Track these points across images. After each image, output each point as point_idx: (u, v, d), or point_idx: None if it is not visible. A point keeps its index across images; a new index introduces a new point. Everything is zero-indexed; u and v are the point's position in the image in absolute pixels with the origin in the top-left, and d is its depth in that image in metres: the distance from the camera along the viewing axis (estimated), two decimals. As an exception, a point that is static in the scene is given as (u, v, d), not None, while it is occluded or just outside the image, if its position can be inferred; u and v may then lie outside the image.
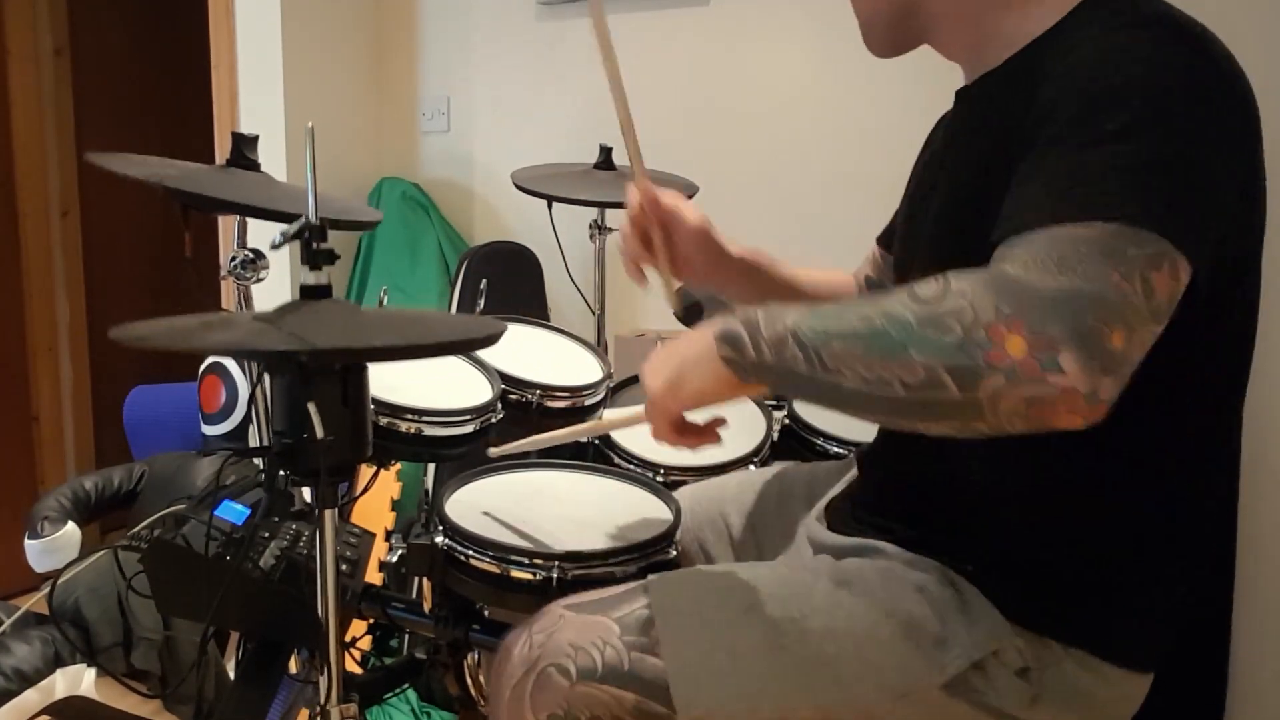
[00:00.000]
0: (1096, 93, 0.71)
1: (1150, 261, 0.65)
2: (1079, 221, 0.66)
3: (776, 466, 1.32)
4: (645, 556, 1.09)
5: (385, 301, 1.95)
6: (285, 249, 0.97)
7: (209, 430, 2.02)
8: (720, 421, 0.98)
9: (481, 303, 1.98)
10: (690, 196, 1.91)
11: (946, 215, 0.88)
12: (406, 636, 1.84)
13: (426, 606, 1.25)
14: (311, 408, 0.85)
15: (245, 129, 2.10)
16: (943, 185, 0.91)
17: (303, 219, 0.89)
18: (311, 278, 0.91)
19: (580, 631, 0.89)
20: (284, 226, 0.90)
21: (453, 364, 1.41)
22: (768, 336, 0.77)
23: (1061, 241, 0.66)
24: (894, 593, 0.87)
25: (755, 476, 1.26)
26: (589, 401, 1.47)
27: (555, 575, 1.04)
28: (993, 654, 0.82)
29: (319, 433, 0.85)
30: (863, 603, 0.87)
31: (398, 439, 1.22)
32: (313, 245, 0.90)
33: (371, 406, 0.99)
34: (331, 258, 0.91)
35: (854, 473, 1.08)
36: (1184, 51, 0.73)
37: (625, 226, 1.12)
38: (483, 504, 1.19)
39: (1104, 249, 0.65)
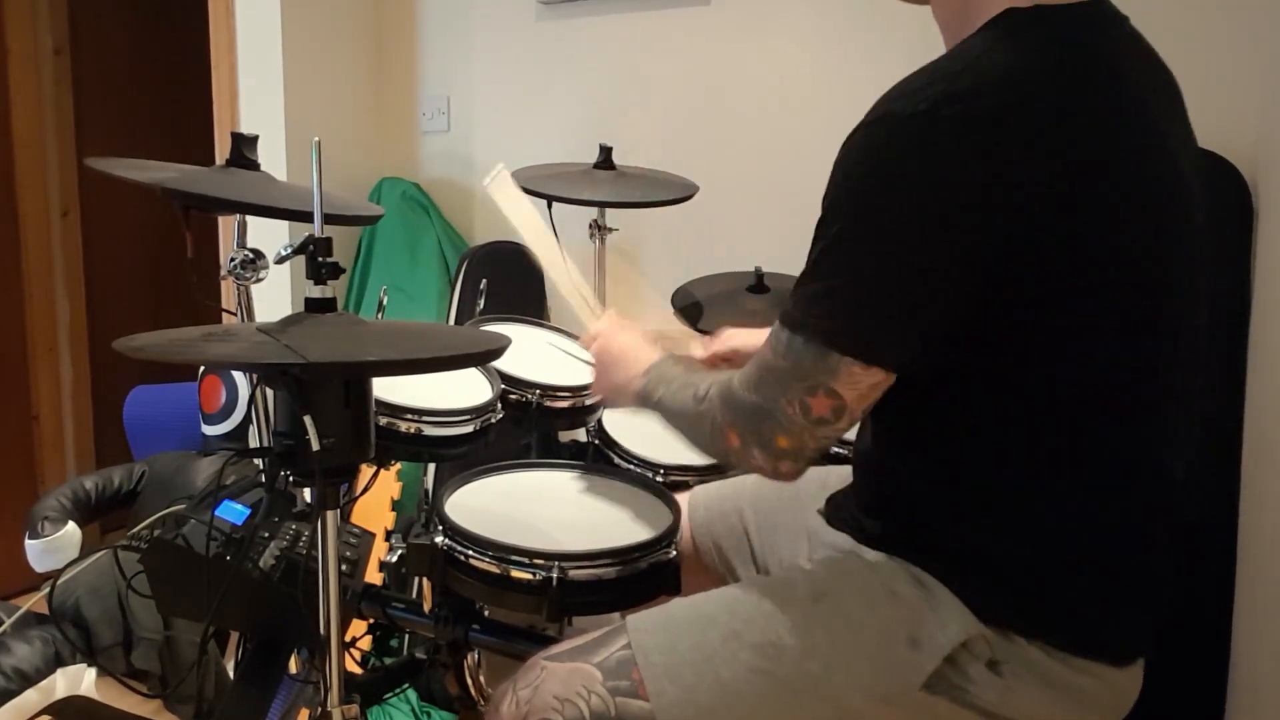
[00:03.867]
0: (842, 180, 0.84)
1: (807, 390, 0.84)
2: (779, 344, 0.86)
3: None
4: (645, 557, 1.09)
5: (385, 302, 1.95)
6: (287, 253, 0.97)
7: (209, 430, 2.02)
8: None
9: (481, 303, 1.98)
10: (690, 197, 1.91)
11: None
12: (406, 636, 1.84)
13: (426, 606, 1.25)
14: (308, 420, 0.85)
15: (245, 129, 2.09)
16: None
17: (307, 235, 0.89)
18: (316, 291, 0.91)
19: (564, 682, 0.90)
20: (286, 244, 0.90)
21: (453, 364, 1.41)
22: (653, 399, 1.06)
23: (761, 366, 0.89)
24: (867, 599, 0.88)
25: None
26: (589, 401, 1.47)
27: (555, 575, 1.04)
28: (962, 645, 0.84)
29: (315, 444, 0.85)
30: (838, 615, 0.89)
31: (397, 439, 1.22)
32: (318, 259, 0.90)
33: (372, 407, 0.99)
34: (336, 272, 0.92)
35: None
36: (923, 145, 0.78)
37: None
38: (483, 504, 1.20)
39: (782, 378, 0.86)
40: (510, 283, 2.37)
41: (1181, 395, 0.87)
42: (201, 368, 2.01)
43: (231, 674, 1.62)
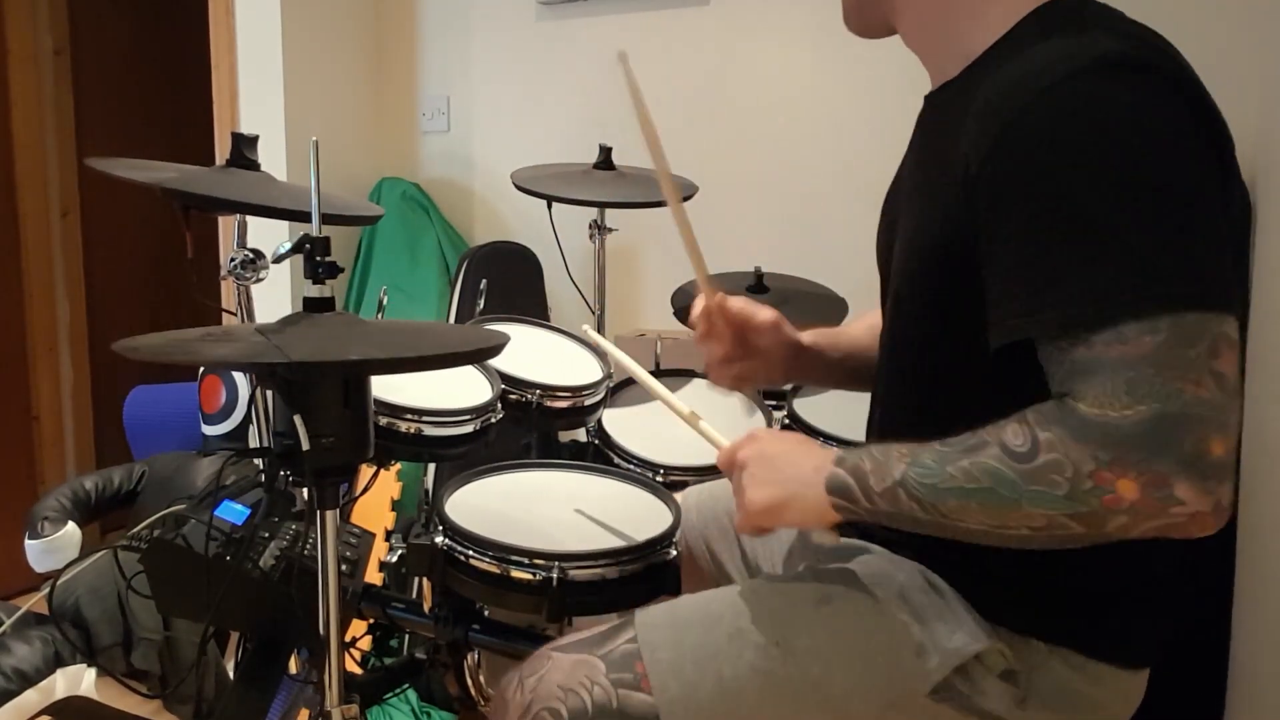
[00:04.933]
0: (1062, 150, 0.70)
1: (1211, 352, 0.65)
2: (1120, 328, 0.66)
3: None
4: (645, 557, 1.09)
5: (385, 302, 1.95)
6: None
7: (209, 430, 2.02)
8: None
9: (481, 303, 1.98)
10: (690, 197, 1.91)
11: (913, 239, 0.88)
12: (406, 636, 1.84)
13: (426, 606, 1.25)
14: (298, 420, 0.85)
15: (245, 129, 2.09)
16: (910, 204, 0.91)
17: (303, 234, 0.89)
18: (315, 290, 0.91)
19: (568, 672, 0.90)
20: (283, 242, 0.90)
21: (453, 364, 1.41)
22: (878, 489, 0.78)
23: (1120, 366, 0.66)
24: (876, 604, 0.87)
25: None
26: (589, 401, 1.47)
27: (555, 575, 1.04)
28: (975, 658, 0.83)
29: (304, 444, 0.85)
30: (845, 618, 0.88)
31: (398, 439, 1.22)
32: (315, 258, 0.90)
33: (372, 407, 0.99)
34: (334, 271, 0.91)
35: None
36: (1135, 90, 0.71)
37: (699, 340, 1.09)
38: (483, 504, 1.20)
39: (1165, 363, 0.65)
40: (510, 283, 2.37)
41: None
42: (201, 368, 2.01)
43: (231, 674, 1.62)
